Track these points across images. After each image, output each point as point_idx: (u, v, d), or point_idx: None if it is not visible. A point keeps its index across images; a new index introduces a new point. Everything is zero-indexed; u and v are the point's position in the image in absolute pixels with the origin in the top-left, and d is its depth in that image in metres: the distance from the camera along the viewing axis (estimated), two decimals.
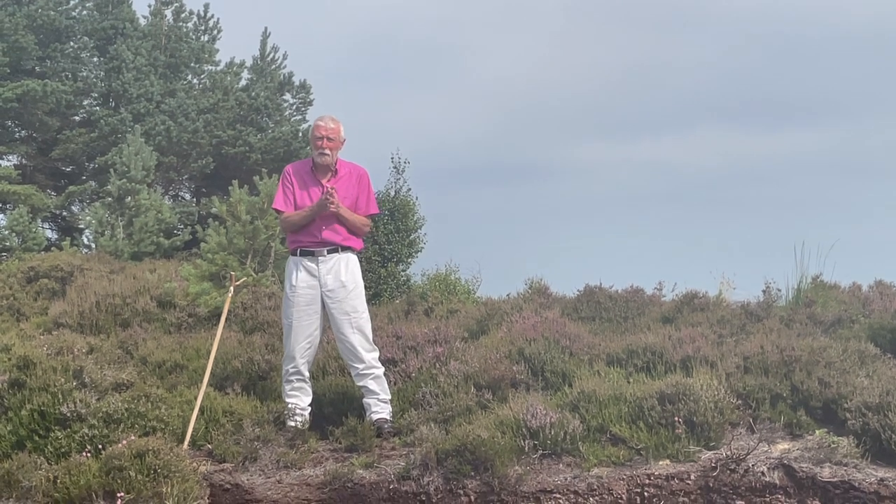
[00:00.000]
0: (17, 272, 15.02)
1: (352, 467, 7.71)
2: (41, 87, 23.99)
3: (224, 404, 8.60)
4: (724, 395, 8.02)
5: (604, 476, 7.49)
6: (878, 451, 7.46)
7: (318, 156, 8.51)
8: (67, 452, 7.82)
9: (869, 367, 8.73)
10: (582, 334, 9.82)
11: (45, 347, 9.68)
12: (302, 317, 8.39)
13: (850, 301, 12.01)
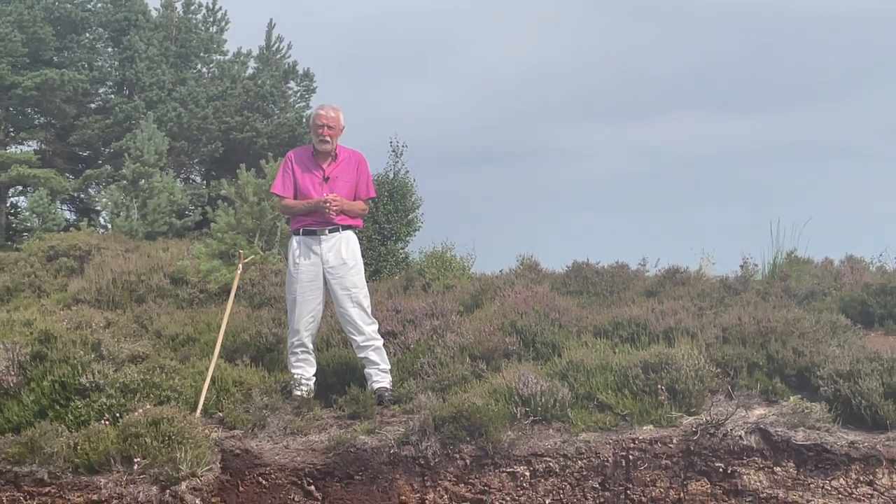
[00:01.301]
0: (38, 251, 15.00)
1: (354, 433, 7.73)
2: (59, 76, 23.93)
3: (234, 375, 8.61)
4: (704, 364, 8.03)
5: (591, 440, 7.51)
6: (848, 415, 7.48)
7: (319, 143, 8.53)
8: (87, 420, 7.84)
9: (840, 338, 8.75)
10: (570, 307, 9.83)
11: (64, 322, 9.68)
12: (305, 292, 8.40)
13: (822, 275, 12.04)
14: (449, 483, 7.48)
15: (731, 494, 7.23)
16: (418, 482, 7.51)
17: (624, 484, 7.36)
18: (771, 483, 7.20)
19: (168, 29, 26.51)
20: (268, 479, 7.61)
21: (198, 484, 7.42)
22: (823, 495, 7.11)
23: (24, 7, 24.42)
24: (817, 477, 7.16)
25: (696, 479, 7.30)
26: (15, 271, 14.02)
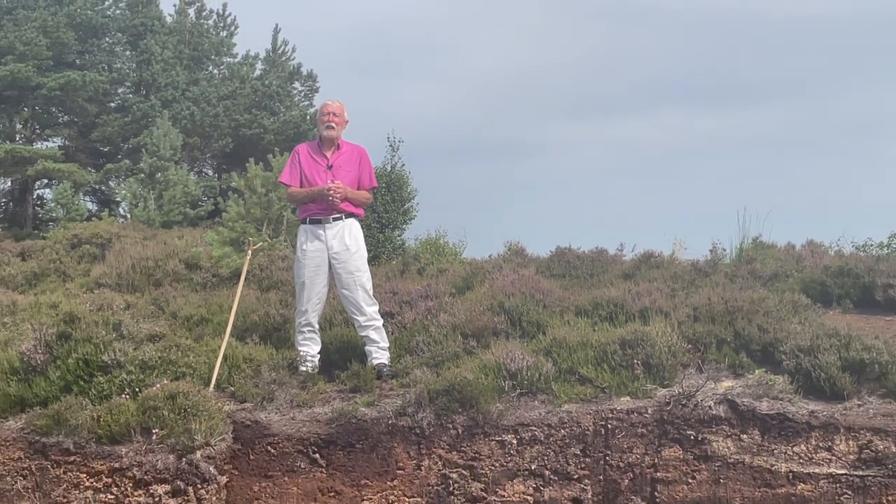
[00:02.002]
0: (63, 239, 14.99)
1: (355, 405, 7.74)
2: (81, 77, 23.88)
3: (244, 352, 8.62)
4: (676, 341, 8.06)
5: (573, 411, 7.52)
6: (809, 387, 7.51)
7: (325, 129, 8.54)
8: (108, 395, 7.85)
9: (801, 316, 8.78)
10: (554, 289, 9.84)
11: (87, 304, 9.68)
12: (313, 277, 8.41)
13: (785, 258, 12.08)
14: (442, 451, 7.50)
15: (701, 460, 7.25)
16: (414, 450, 7.53)
17: (603, 451, 7.39)
18: (738, 449, 7.23)
19: (181, 33, 26.43)
20: (276, 447, 7.63)
21: (211, 453, 7.44)
22: (786, 460, 7.14)
23: (49, 13, 24.37)
24: (780, 443, 7.19)
25: (669, 446, 7.32)
26: (42, 258, 14.01)
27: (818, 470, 7.08)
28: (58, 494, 7.49)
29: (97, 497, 7.44)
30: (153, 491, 7.36)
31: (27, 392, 8.04)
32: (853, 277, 10.35)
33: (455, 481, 7.43)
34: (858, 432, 7.10)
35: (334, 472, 7.56)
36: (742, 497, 7.13)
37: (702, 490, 7.20)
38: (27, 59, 23.51)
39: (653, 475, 7.29)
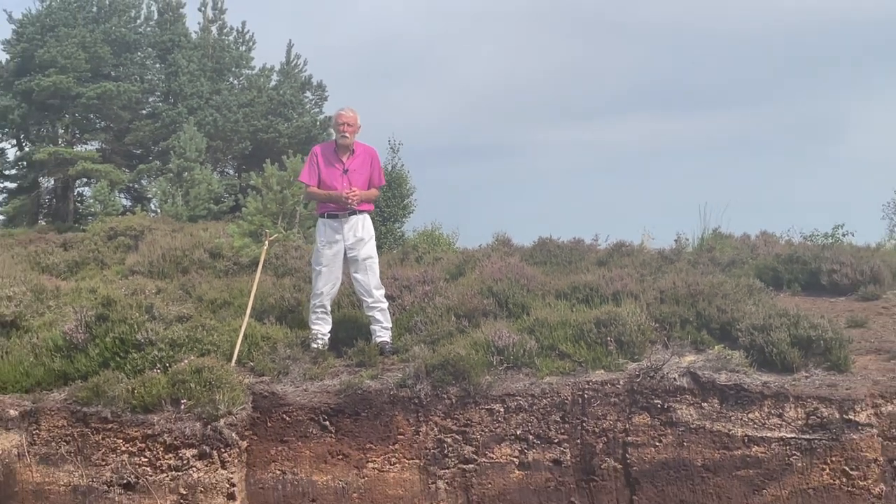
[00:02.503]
0: (100, 231, 14.97)
1: (361, 378, 7.75)
2: (116, 87, 23.84)
3: (262, 331, 8.61)
4: (645, 320, 8.07)
5: (553, 383, 7.54)
6: (762, 361, 7.54)
7: (341, 138, 8.53)
8: (142, 369, 7.85)
9: (755, 298, 8.79)
10: (536, 275, 9.85)
11: (123, 289, 9.69)
12: (330, 265, 8.42)
13: (741, 247, 12.10)
14: (438, 418, 7.51)
15: (667, 425, 7.27)
16: (413, 417, 7.54)
17: (580, 418, 7.40)
18: (699, 416, 7.25)
19: (205, 48, 26.34)
20: (290, 415, 7.63)
21: (233, 420, 7.45)
22: (742, 425, 7.16)
23: (87, 31, 24.31)
24: (737, 411, 7.21)
25: (638, 414, 7.34)
26: (81, 248, 13.99)
27: (770, 434, 7.10)
28: (97, 458, 7.50)
29: (132, 460, 7.45)
30: (182, 454, 7.38)
31: (69, 367, 8.04)
32: (801, 264, 10.38)
33: (449, 445, 7.45)
34: (806, 401, 7.12)
35: (342, 437, 7.57)
36: (703, 458, 7.15)
37: (667, 452, 7.22)
38: (68, 72, 23.48)
39: (624, 439, 7.31)
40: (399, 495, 7.41)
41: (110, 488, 7.43)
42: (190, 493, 7.33)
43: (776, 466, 7.03)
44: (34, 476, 7.60)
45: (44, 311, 9.31)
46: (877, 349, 7.95)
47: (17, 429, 7.72)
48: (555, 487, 7.32)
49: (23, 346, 8.37)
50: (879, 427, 7.04)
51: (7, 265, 11.38)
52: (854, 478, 6.96)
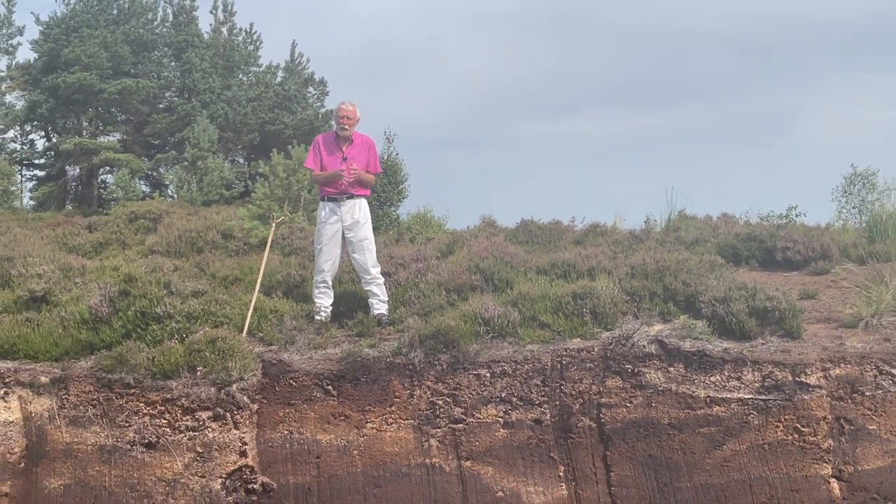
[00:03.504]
0: (122, 215, 14.89)
1: (360, 347, 7.76)
2: (135, 84, 23.69)
3: (270, 305, 8.61)
4: (617, 293, 8.09)
5: (535, 350, 7.56)
6: (723, 329, 7.56)
7: (340, 129, 8.53)
8: (161, 340, 7.85)
9: (717, 273, 8.80)
10: (519, 253, 9.85)
11: (143, 267, 9.66)
12: (329, 243, 8.41)
13: (703, 227, 12.10)
14: (430, 382, 7.53)
15: (637, 388, 7.30)
16: (408, 382, 7.55)
17: (559, 381, 7.43)
18: (666, 379, 7.28)
19: (217, 47, 26.13)
20: (297, 381, 7.65)
21: (245, 385, 7.47)
22: (704, 388, 7.19)
23: (108, 32, 24.17)
24: (700, 374, 7.23)
25: (611, 377, 7.37)
26: (105, 230, 13.92)
27: (730, 395, 7.14)
28: (121, 420, 7.51)
29: (153, 422, 7.45)
30: (198, 416, 7.39)
31: (95, 338, 8.03)
32: (758, 242, 10.40)
33: (440, 406, 7.47)
34: (762, 365, 7.16)
35: (344, 400, 7.59)
36: (669, 417, 7.19)
37: (637, 412, 7.26)
38: (91, 69, 23.33)
39: (598, 401, 7.34)
40: (395, 452, 7.43)
41: (133, 447, 7.44)
42: (206, 452, 7.35)
43: (735, 424, 7.07)
44: (64, 437, 7.61)
45: (71, 288, 9.28)
46: (826, 318, 7.99)
47: (47, 394, 7.72)
48: (536, 444, 7.35)
49: (52, 319, 8.36)
50: (828, 388, 7.09)
51: (37, 246, 11.32)
52: (805, 434, 7.01)
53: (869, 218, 11.92)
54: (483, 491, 7.28)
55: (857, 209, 14.17)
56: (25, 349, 7.98)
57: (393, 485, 7.35)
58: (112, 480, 7.42)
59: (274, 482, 7.43)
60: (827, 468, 6.98)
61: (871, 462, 6.98)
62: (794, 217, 12.99)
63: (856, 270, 9.40)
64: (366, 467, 7.41)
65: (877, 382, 7.08)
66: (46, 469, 7.58)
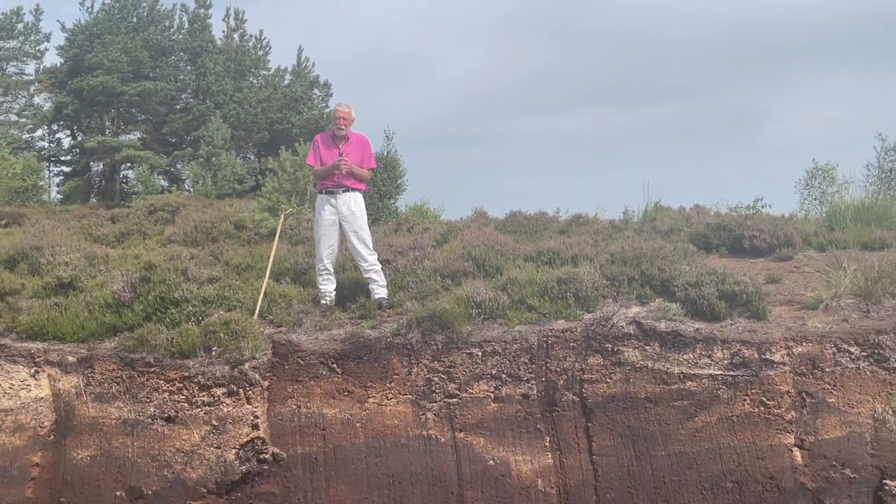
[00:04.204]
0: (143, 207, 14.86)
1: (362, 328, 7.76)
2: (153, 86, 23.62)
3: (279, 290, 8.61)
4: (598, 278, 8.10)
5: (523, 331, 7.56)
6: (695, 311, 7.58)
7: (337, 130, 8.52)
8: (179, 322, 7.85)
9: (689, 259, 8.82)
10: (508, 242, 9.85)
11: (162, 256, 9.63)
12: (327, 233, 8.40)
13: (677, 217, 12.10)
14: (427, 361, 7.53)
15: (616, 365, 7.31)
16: (406, 360, 7.56)
17: (545, 359, 7.44)
18: (643, 357, 7.29)
19: (229, 52, 26.00)
20: (304, 360, 7.64)
21: (256, 364, 7.46)
22: (678, 365, 7.21)
23: (128, 38, 24.09)
24: (674, 352, 7.25)
25: (593, 356, 7.38)
26: (127, 221, 13.88)
27: (701, 371, 7.15)
28: (142, 396, 7.50)
29: (172, 398, 7.45)
30: (213, 392, 7.39)
31: (118, 321, 8.02)
32: (727, 231, 10.41)
33: (436, 383, 7.47)
34: (730, 344, 7.17)
35: (347, 377, 7.59)
36: (646, 392, 7.20)
37: (616, 387, 7.27)
38: (113, 73, 23.26)
39: (581, 377, 7.35)
40: (395, 425, 7.44)
41: (154, 421, 7.44)
42: (221, 425, 7.35)
43: (706, 398, 7.09)
44: (90, 411, 7.60)
45: (96, 275, 9.26)
46: (789, 301, 8.01)
47: (75, 372, 7.71)
48: (524, 417, 7.36)
49: (78, 303, 8.35)
50: (791, 365, 7.11)
51: (64, 236, 11.29)
52: (770, 407, 7.03)
53: (829, 208, 11.95)
54: (475, 460, 7.29)
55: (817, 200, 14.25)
56: (54, 331, 7.97)
57: (393, 454, 7.37)
58: (135, 451, 7.42)
59: (283, 452, 7.44)
60: (790, 438, 7.01)
61: (830, 432, 7.00)
62: (760, 208, 13.02)
63: (816, 257, 9.43)
64: (368, 438, 7.42)
65: (836, 359, 7.11)
66: (74, 441, 7.58)
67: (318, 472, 7.41)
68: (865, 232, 10.06)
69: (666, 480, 7.06)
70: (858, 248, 9.35)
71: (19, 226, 13.69)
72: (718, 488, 6.98)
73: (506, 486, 7.21)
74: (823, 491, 6.92)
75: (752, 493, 6.95)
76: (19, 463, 7.49)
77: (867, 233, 10.02)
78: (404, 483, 7.30)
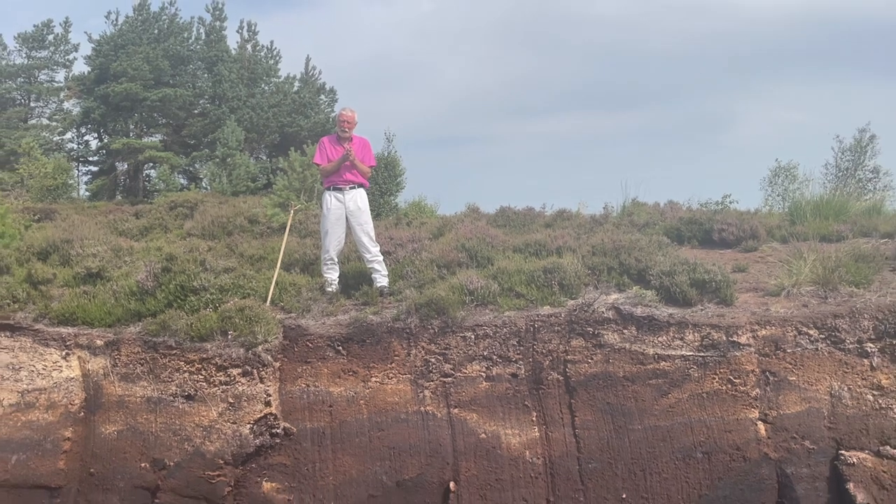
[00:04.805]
0: (164, 204, 14.83)
1: (365, 314, 7.76)
2: (173, 93, 23.56)
3: (289, 279, 8.60)
4: (580, 268, 8.10)
5: (512, 316, 7.58)
6: (669, 298, 7.60)
7: (342, 132, 8.54)
8: (198, 309, 7.85)
9: (664, 251, 8.82)
10: (498, 235, 9.84)
11: (182, 248, 9.60)
12: (334, 226, 8.39)
13: (653, 212, 12.09)
14: (424, 343, 7.54)
15: (597, 347, 7.33)
16: (405, 343, 7.57)
17: (532, 342, 7.45)
18: (621, 339, 7.31)
19: (242, 61, 25.89)
20: (312, 343, 7.65)
21: (269, 347, 7.47)
22: (653, 346, 7.23)
23: (150, 48, 24.02)
24: (649, 335, 7.28)
25: (575, 338, 7.40)
26: (149, 217, 13.86)
27: (674, 352, 7.18)
28: (165, 376, 7.51)
29: (191, 377, 7.46)
30: (230, 373, 7.40)
31: (142, 307, 8.02)
32: (698, 225, 10.41)
33: (433, 363, 7.49)
34: (701, 327, 7.20)
35: (352, 358, 7.60)
36: (624, 371, 7.23)
37: (597, 367, 7.29)
38: (136, 80, 23.21)
39: (565, 357, 7.37)
40: (395, 402, 7.46)
41: (175, 399, 7.45)
42: (236, 402, 7.36)
43: (678, 377, 7.13)
44: (116, 390, 7.61)
45: (121, 265, 9.25)
46: (754, 288, 8.03)
47: (103, 355, 7.71)
48: (513, 394, 7.39)
49: (106, 291, 8.34)
50: (756, 346, 7.14)
51: (92, 230, 11.26)
52: (736, 384, 7.06)
53: (790, 204, 11.97)
54: (469, 433, 7.32)
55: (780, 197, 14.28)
56: (83, 317, 7.96)
57: (393, 428, 7.39)
58: (157, 426, 7.43)
59: (294, 427, 7.46)
60: (755, 412, 7.05)
61: (791, 407, 7.04)
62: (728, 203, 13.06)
63: (779, 248, 9.45)
64: (371, 414, 7.44)
65: (796, 341, 7.14)
66: (102, 417, 7.58)
67: (325, 444, 7.43)
68: (824, 225, 10.09)
69: (642, 452, 7.09)
70: (817, 240, 9.36)
71: (51, 221, 13.66)
72: (689, 459, 7.02)
73: (496, 458, 7.24)
74: (785, 461, 6.97)
75: (720, 462, 6.99)
76: (52, 437, 7.51)
77: (825, 226, 10.05)
78: (404, 454, 7.32)
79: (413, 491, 7.25)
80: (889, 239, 9.49)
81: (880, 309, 7.17)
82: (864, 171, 15.86)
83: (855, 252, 8.43)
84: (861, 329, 7.12)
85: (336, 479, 7.34)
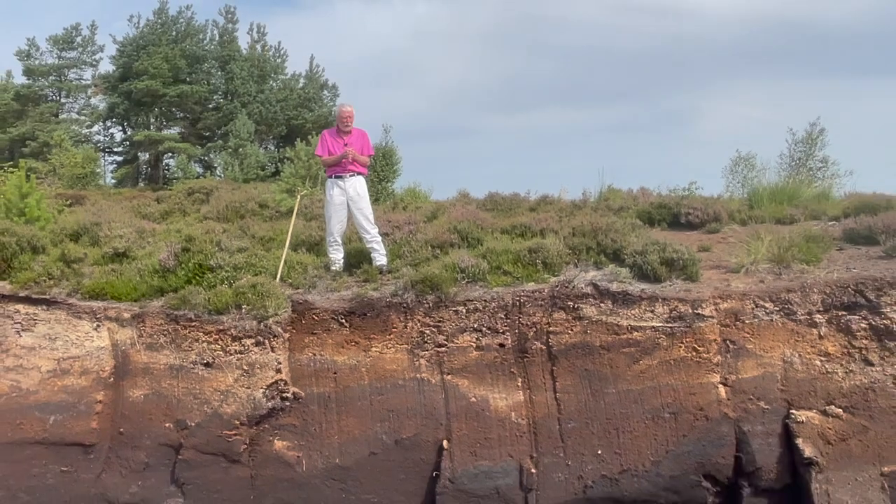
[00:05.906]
0: (182, 190, 14.73)
1: (366, 290, 7.73)
2: (190, 89, 23.46)
3: (297, 258, 8.54)
4: (562, 248, 8.07)
5: (500, 292, 7.56)
6: (641, 275, 7.59)
7: (343, 126, 8.44)
8: (214, 285, 7.81)
9: (637, 232, 8.79)
10: (487, 218, 9.80)
11: (199, 230, 9.54)
12: (336, 211, 8.33)
13: (626, 198, 12.09)
14: (420, 317, 7.53)
15: (576, 319, 7.33)
16: (403, 317, 7.55)
17: (518, 315, 7.45)
18: (599, 312, 7.32)
19: (252, 60, 25.68)
20: (318, 316, 7.62)
21: (279, 319, 7.45)
22: (626, 319, 7.24)
23: (169, 49, 23.87)
24: (624, 308, 7.28)
25: (557, 312, 7.39)
26: (169, 202, 13.76)
27: (645, 324, 7.20)
28: (185, 346, 7.49)
29: (209, 347, 7.44)
30: (244, 343, 7.38)
31: (164, 283, 7.98)
32: (667, 209, 10.40)
33: (428, 335, 7.48)
34: (669, 301, 7.22)
35: (354, 330, 7.58)
36: (600, 341, 7.24)
37: (577, 338, 7.30)
38: (156, 78, 23.06)
39: (547, 329, 7.37)
40: (394, 369, 7.46)
41: (195, 366, 7.44)
42: (250, 369, 7.35)
43: (649, 346, 7.15)
44: (142, 358, 7.59)
45: (145, 246, 9.18)
46: (717, 266, 8.04)
47: (129, 326, 7.68)
48: (500, 362, 7.39)
49: (131, 269, 8.28)
50: (718, 318, 7.16)
51: (118, 214, 11.20)
52: (701, 352, 7.10)
53: (749, 190, 11.97)
54: (460, 398, 7.33)
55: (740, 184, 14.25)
56: (112, 292, 7.91)
57: (392, 393, 7.39)
58: (179, 391, 7.42)
59: (302, 392, 7.45)
60: (716, 377, 7.09)
61: (748, 372, 7.09)
62: (694, 190, 13.03)
63: (739, 230, 9.47)
64: (371, 381, 7.43)
65: (754, 313, 7.17)
66: (130, 383, 7.56)
67: (330, 407, 7.43)
68: (779, 210, 10.11)
69: (616, 412, 7.13)
70: (773, 223, 9.39)
71: (81, 206, 13.55)
72: (658, 418, 7.07)
73: (485, 419, 7.26)
74: (742, 419, 7.03)
75: (685, 422, 7.04)
76: (86, 400, 7.50)
77: (780, 210, 10.07)
78: (402, 416, 7.33)
79: (410, 448, 7.27)
80: (836, 222, 9.53)
81: (828, 284, 7.21)
82: (815, 161, 15.87)
83: (806, 233, 8.45)
84: (811, 302, 7.15)
85: (340, 438, 7.35)
